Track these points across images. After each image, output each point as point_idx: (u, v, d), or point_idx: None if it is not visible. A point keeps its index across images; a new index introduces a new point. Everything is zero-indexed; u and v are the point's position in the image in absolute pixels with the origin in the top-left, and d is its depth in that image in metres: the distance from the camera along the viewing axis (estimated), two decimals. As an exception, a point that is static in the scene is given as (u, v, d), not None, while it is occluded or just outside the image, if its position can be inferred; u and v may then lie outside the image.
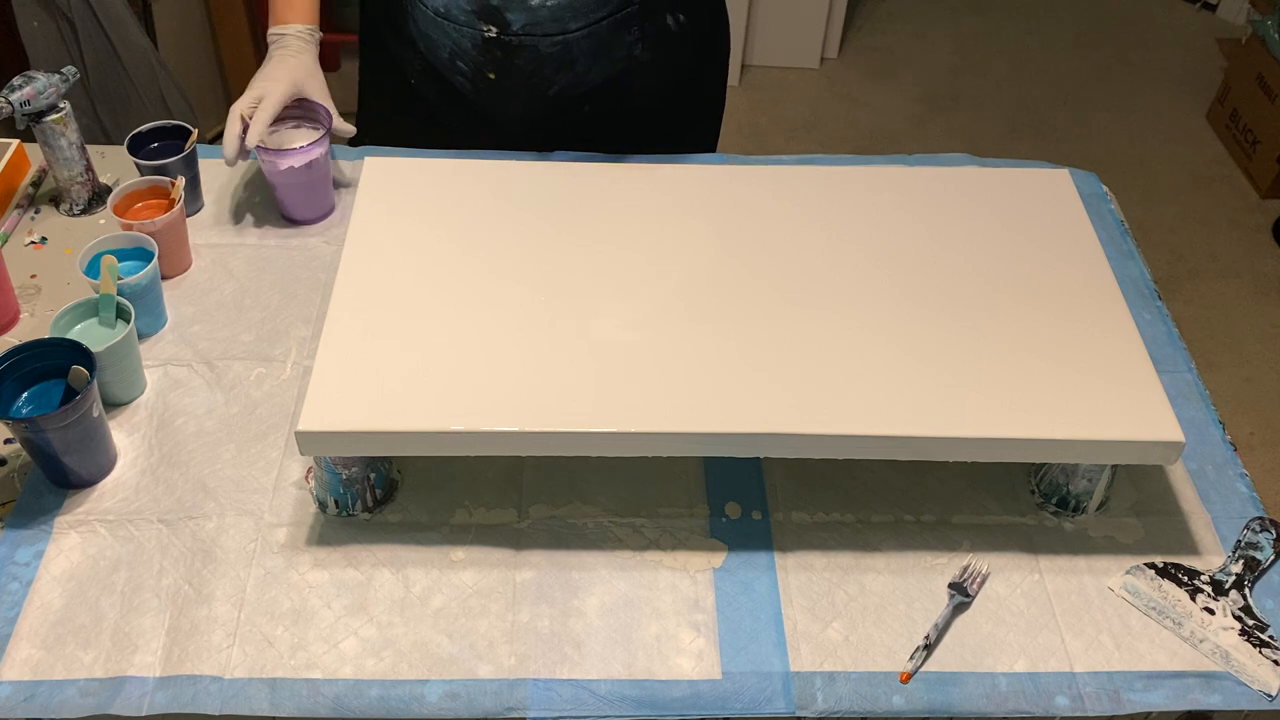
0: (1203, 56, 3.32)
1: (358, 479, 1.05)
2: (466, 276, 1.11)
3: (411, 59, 1.43)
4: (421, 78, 1.44)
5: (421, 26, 1.37)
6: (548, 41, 1.32)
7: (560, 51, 1.33)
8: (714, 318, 1.08)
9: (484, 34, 1.31)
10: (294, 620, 0.99)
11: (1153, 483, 1.13)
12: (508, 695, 0.95)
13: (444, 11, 1.32)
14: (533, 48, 1.33)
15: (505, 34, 1.31)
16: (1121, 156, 2.97)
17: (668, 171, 1.26)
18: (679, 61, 1.45)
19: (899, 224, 1.20)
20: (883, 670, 0.98)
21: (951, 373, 1.04)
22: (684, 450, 1.00)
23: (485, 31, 1.31)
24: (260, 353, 1.20)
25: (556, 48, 1.33)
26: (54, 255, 1.31)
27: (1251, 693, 0.97)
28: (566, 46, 1.33)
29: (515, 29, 1.30)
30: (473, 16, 1.30)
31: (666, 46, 1.41)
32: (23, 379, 1.06)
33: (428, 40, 1.38)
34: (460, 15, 1.31)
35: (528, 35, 1.31)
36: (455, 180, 1.23)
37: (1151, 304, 1.31)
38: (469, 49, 1.34)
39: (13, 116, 1.26)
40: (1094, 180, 1.47)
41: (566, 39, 1.32)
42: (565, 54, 1.34)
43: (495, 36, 1.31)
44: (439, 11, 1.32)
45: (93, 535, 1.04)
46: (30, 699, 0.93)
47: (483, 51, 1.34)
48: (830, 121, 3.06)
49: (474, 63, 1.36)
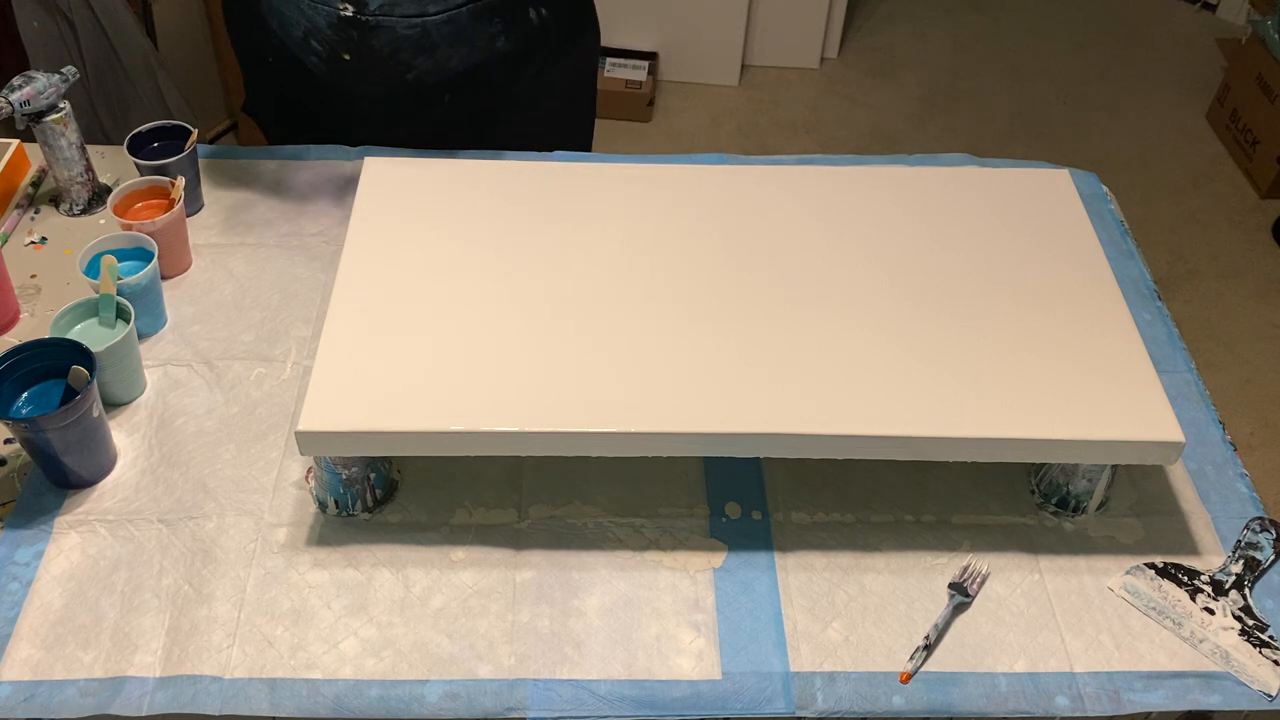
0: (1203, 56, 3.32)
1: (358, 479, 1.05)
2: (466, 276, 1.11)
3: (265, 39, 1.40)
4: (277, 58, 1.41)
5: (275, 4, 1.34)
6: (405, 23, 1.29)
7: (419, 35, 1.31)
8: (714, 318, 1.08)
9: (339, 12, 1.28)
10: (294, 620, 0.99)
11: (1153, 483, 1.13)
12: (508, 695, 0.95)
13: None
14: (390, 29, 1.30)
15: (361, 13, 1.28)
16: (1121, 156, 2.97)
17: (667, 171, 1.26)
18: (543, 55, 1.43)
19: (899, 224, 1.20)
20: (883, 670, 0.98)
21: (951, 373, 1.04)
22: (684, 450, 1.00)
23: (341, 10, 1.28)
24: (260, 353, 1.20)
25: (414, 30, 1.30)
26: (54, 255, 1.31)
27: (1251, 693, 0.97)
28: (425, 30, 1.30)
29: (372, 9, 1.27)
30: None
31: (529, 39, 1.40)
32: (23, 379, 1.06)
33: (281, 18, 1.35)
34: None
35: (385, 15, 1.28)
36: (455, 180, 1.23)
37: (1151, 304, 1.31)
38: (323, 28, 1.31)
39: (13, 116, 1.26)
40: (1094, 180, 1.47)
41: (425, 22, 1.29)
42: (424, 38, 1.32)
43: (351, 16, 1.28)
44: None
45: (93, 535, 1.04)
46: (30, 699, 0.93)
47: (338, 31, 1.31)
48: (830, 121, 3.06)
49: (329, 42, 1.33)
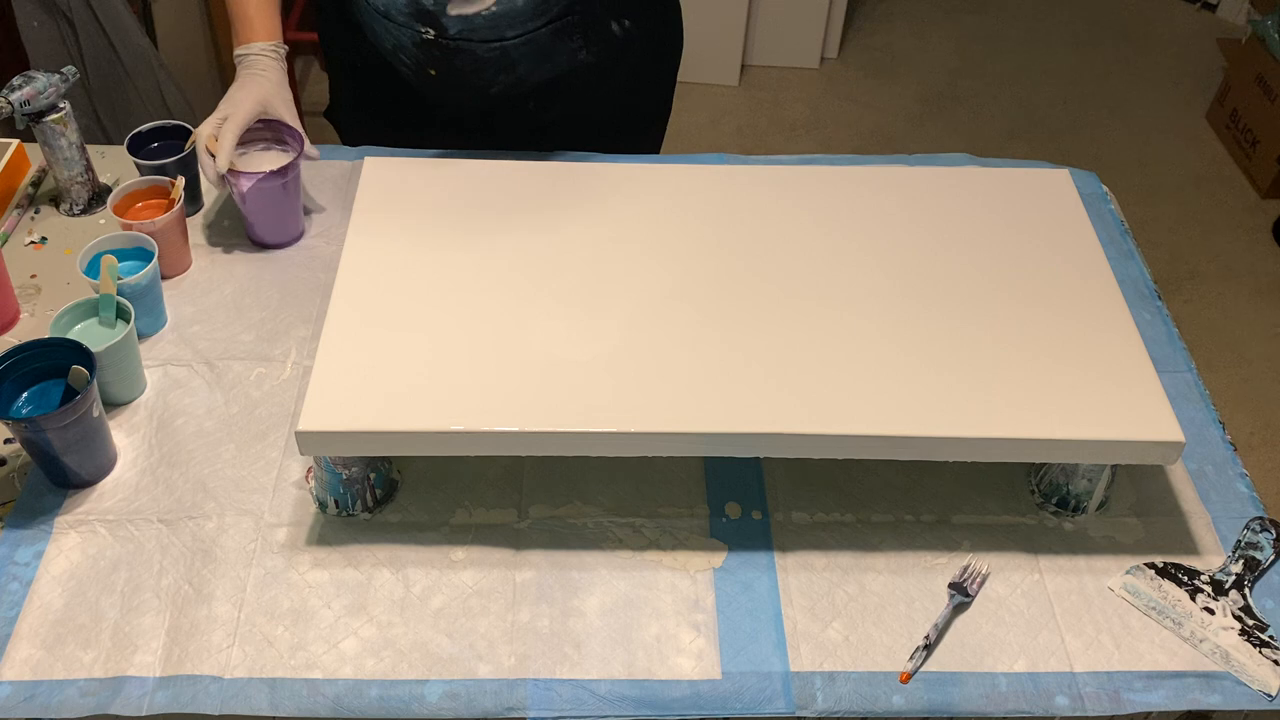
0: (1203, 56, 3.32)
1: (358, 479, 1.05)
2: (466, 276, 1.11)
3: (357, 48, 1.42)
4: (366, 66, 1.43)
5: (366, 19, 1.36)
6: (485, 47, 1.30)
7: (499, 56, 1.32)
8: (714, 318, 1.08)
9: (422, 35, 1.30)
10: (294, 620, 0.99)
11: (1153, 483, 1.13)
12: (508, 695, 0.95)
13: (384, 10, 1.30)
14: (470, 51, 1.31)
15: (442, 37, 1.29)
16: (1121, 156, 2.97)
17: (667, 171, 1.26)
18: (626, 65, 1.44)
19: (899, 224, 1.20)
20: (883, 670, 0.98)
21: (951, 373, 1.04)
22: (684, 450, 1.00)
23: (423, 33, 1.30)
24: (260, 353, 1.20)
25: (494, 53, 1.31)
26: (54, 255, 1.31)
27: (1251, 693, 0.97)
28: (505, 51, 1.32)
29: (451, 33, 1.29)
30: (410, 18, 1.29)
31: (612, 50, 1.41)
32: (23, 379, 1.06)
33: (372, 32, 1.37)
34: (399, 16, 1.30)
35: (464, 40, 1.30)
36: (455, 180, 1.23)
37: (1151, 304, 1.31)
38: (409, 46, 1.33)
39: (13, 116, 1.26)
40: (1094, 180, 1.47)
41: (504, 45, 1.31)
42: (504, 58, 1.33)
43: (433, 39, 1.30)
44: (379, 9, 1.31)
45: (93, 535, 1.04)
46: (30, 699, 0.93)
47: (422, 50, 1.32)
48: (830, 121, 3.06)
49: (415, 58, 1.35)
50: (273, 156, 1.30)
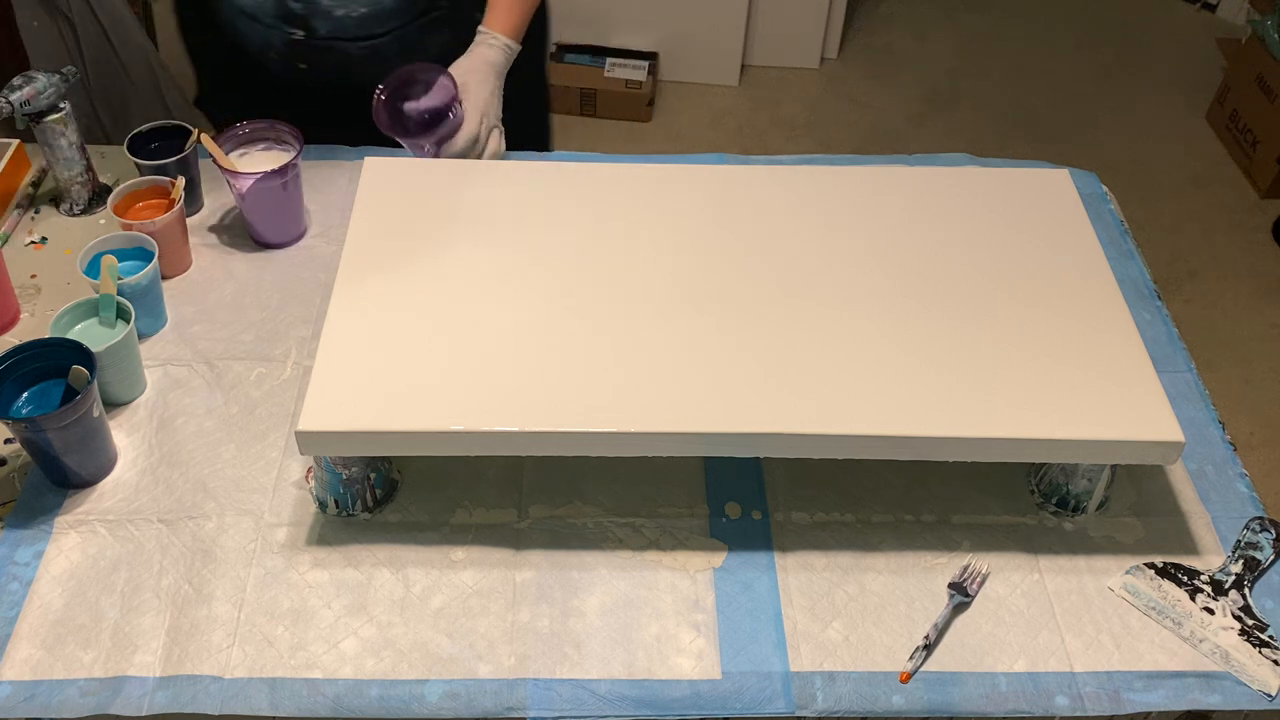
0: (1203, 56, 3.31)
1: (358, 479, 1.05)
2: (466, 276, 1.11)
3: (221, 47, 1.42)
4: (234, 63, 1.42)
5: (230, 18, 1.35)
6: (355, 45, 1.30)
7: (369, 54, 1.32)
8: (714, 318, 1.08)
9: (290, 36, 1.30)
10: (294, 620, 0.99)
11: (1153, 483, 1.13)
12: (508, 695, 0.95)
13: (250, 12, 1.30)
14: (341, 50, 1.31)
15: (312, 38, 1.29)
16: (1121, 156, 2.97)
17: (667, 171, 1.26)
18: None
19: (899, 224, 1.20)
20: (883, 670, 0.98)
21: (951, 372, 1.04)
22: (684, 450, 1.00)
23: (292, 34, 1.30)
24: (260, 353, 1.20)
25: (365, 51, 1.32)
26: (54, 255, 1.31)
27: (1251, 693, 0.97)
28: (375, 49, 1.32)
29: (321, 34, 1.29)
30: (278, 20, 1.29)
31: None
32: (23, 379, 1.06)
33: (237, 32, 1.36)
34: (266, 18, 1.29)
35: (334, 39, 1.30)
36: (455, 180, 1.23)
37: (1151, 304, 1.31)
38: (278, 45, 1.33)
39: (13, 116, 1.26)
40: (1094, 180, 1.47)
41: (374, 43, 1.31)
42: (374, 55, 1.33)
43: (302, 39, 1.30)
44: (245, 11, 1.31)
45: (93, 535, 1.04)
46: (30, 699, 0.93)
47: (291, 49, 1.32)
48: (830, 121, 3.06)
49: (283, 56, 1.34)
50: (273, 156, 1.30)
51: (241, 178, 1.25)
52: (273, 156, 1.30)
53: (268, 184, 1.25)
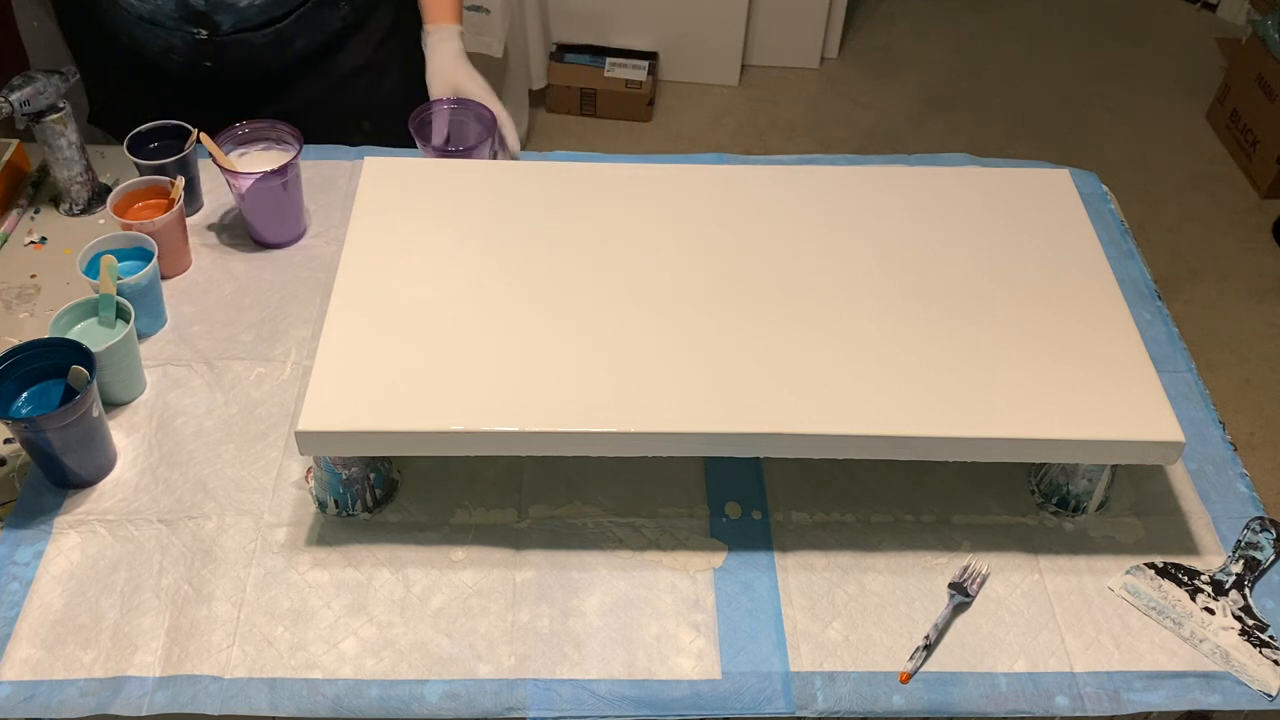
0: (1203, 56, 3.32)
1: (358, 479, 1.05)
2: (466, 276, 1.11)
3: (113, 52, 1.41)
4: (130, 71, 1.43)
5: (124, 26, 1.35)
6: (259, 34, 1.32)
7: (273, 39, 1.34)
8: (714, 318, 1.08)
9: (195, 36, 1.30)
10: (294, 620, 0.99)
11: (1153, 483, 1.13)
12: (508, 695, 0.95)
13: (149, 17, 1.30)
14: (245, 42, 1.32)
15: (216, 35, 1.30)
16: (1121, 156, 2.97)
17: (667, 171, 1.26)
18: (382, 20, 1.48)
19: (899, 224, 1.20)
20: (883, 670, 0.98)
21: (951, 372, 1.04)
22: (684, 450, 1.00)
23: (196, 34, 1.30)
24: (260, 353, 1.20)
25: (269, 38, 1.33)
26: (54, 255, 1.31)
27: (1251, 693, 0.97)
28: (279, 33, 1.34)
29: (225, 30, 1.29)
30: (180, 21, 1.29)
31: (372, 7, 1.46)
32: (23, 379, 1.06)
33: (133, 39, 1.36)
34: (167, 21, 1.29)
35: (239, 33, 1.30)
36: (455, 180, 1.23)
37: (1151, 304, 1.31)
38: (179, 46, 1.33)
39: (13, 116, 1.26)
40: (1094, 180, 1.47)
41: (279, 28, 1.32)
42: (279, 39, 1.35)
43: (206, 38, 1.30)
44: (143, 16, 1.30)
45: (92, 535, 1.04)
46: (30, 699, 0.93)
47: (194, 48, 1.33)
48: (830, 121, 3.06)
49: (186, 56, 1.35)
50: (273, 156, 1.30)
51: (241, 177, 1.24)
52: (272, 156, 1.30)
53: (267, 184, 1.25)
